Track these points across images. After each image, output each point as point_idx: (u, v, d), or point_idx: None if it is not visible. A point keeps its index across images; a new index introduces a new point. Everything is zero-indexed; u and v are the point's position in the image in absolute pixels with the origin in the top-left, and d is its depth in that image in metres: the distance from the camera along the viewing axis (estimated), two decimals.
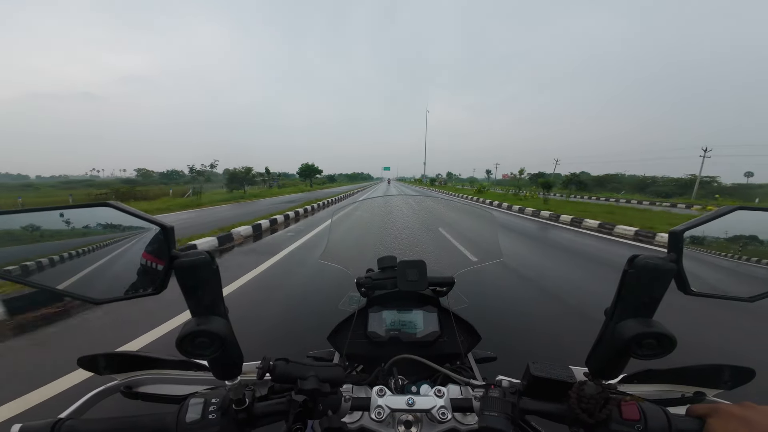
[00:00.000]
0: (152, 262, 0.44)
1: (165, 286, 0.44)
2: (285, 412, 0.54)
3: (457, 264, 1.04)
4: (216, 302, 0.46)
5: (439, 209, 1.50)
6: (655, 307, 0.43)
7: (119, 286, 0.44)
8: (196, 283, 0.43)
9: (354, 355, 0.90)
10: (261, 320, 2.96)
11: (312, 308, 3.24)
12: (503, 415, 0.51)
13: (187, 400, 0.49)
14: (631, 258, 0.44)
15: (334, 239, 1.13)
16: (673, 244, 0.44)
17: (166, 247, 0.43)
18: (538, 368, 0.54)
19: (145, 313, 3.01)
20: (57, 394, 1.93)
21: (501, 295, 3.77)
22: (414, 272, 0.87)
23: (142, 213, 0.44)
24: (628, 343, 0.42)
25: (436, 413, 0.55)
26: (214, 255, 0.45)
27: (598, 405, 0.47)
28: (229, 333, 0.45)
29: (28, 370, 2.20)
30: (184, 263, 0.42)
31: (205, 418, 0.46)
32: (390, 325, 0.89)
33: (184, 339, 0.42)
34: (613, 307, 0.46)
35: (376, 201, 1.42)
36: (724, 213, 0.44)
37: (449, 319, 0.92)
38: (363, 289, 0.96)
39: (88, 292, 0.44)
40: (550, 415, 0.53)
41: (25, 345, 2.61)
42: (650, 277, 0.42)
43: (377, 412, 0.55)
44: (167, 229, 0.43)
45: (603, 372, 0.49)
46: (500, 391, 0.56)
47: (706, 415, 0.44)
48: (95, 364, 0.60)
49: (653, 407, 0.47)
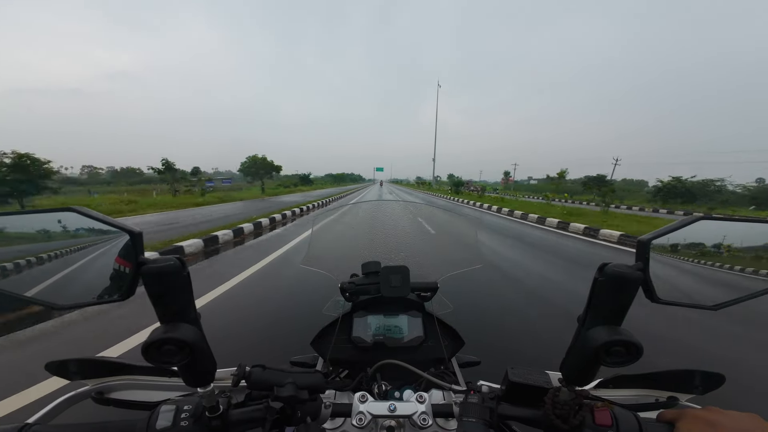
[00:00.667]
0: (121, 266, 0.43)
1: (133, 293, 0.43)
2: (261, 419, 0.53)
3: (441, 269, 1.05)
4: (186, 309, 0.45)
5: (422, 214, 1.51)
6: (624, 314, 0.44)
7: (85, 292, 0.43)
8: (165, 289, 0.42)
9: (338, 360, 0.90)
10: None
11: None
12: (481, 421, 0.51)
13: (159, 407, 0.48)
14: (602, 266, 0.45)
15: (317, 244, 1.13)
16: (640, 253, 0.45)
17: (134, 252, 0.42)
18: (516, 374, 0.55)
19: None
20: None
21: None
22: (397, 278, 0.87)
23: (109, 218, 0.43)
24: (597, 351, 0.43)
25: (417, 419, 0.55)
26: (184, 261, 0.44)
27: (572, 411, 0.47)
28: (199, 340, 0.44)
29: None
30: (152, 269, 0.41)
31: (176, 425, 0.45)
32: (375, 330, 0.89)
33: (150, 347, 0.41)
34: (585, 314, 0.47)
35: (360, 206, 1.42)
36: (689, 222, 0.45)
37: (433, 324, 0.92)
38: (347, 294, 0.96)
39: (52, 298, 0.42)
40: (528, 421, 0.53)
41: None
42: (618, 285, 0.43)
43: (359, 418, 0.55)
44: (135, 235, 0.42)
45: (577, 378, 0.49)
46: (479, 397, 0.56)
47: (675, 420, 0.45)
48: (65, 369, 0.58)
49: (625, 413, 0.48)
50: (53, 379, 1.92)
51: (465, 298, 3.52)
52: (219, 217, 10.33)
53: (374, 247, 1.19)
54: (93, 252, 0.44)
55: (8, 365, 2.27)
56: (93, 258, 0.44)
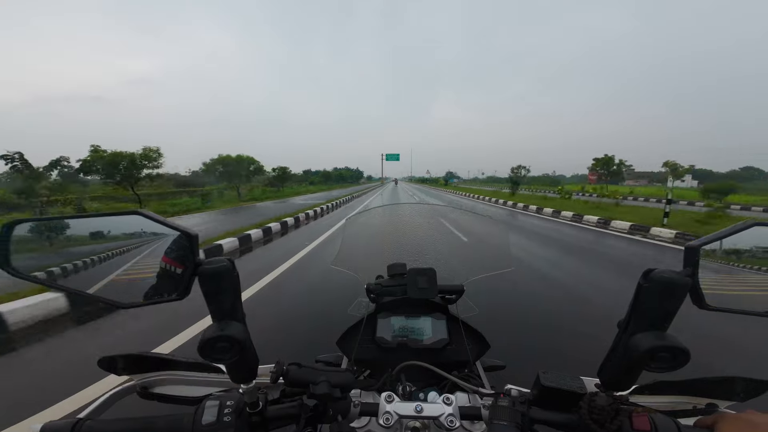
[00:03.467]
0: (176, 268, 0.46)
1: (188, 292, 0.46)
2: (296, 415, 0.55)
3: (467, 272, 1.05)
4: (235, 307, 0.47)
5: (448, 216, 1.51)
6: (670, 320, 0.44)
7: (144, 291, 0.46)
8: (218, 289, 0.45)
9: (362, 361, 0.91)
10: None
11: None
12: (513, 424, 0.51)
13: (204, 402, 0.50)
14: (647, 272, 0.45)
15: (345, 247, 1.15)
16: (689, 259, 0.44)
17: (191, 253, 0.45)
18: (549, 378, 0.55)
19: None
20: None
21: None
22: (424, 280, 0.88)
23: (168, 221, 0.46)
24: (641, 356, 0.42)
25: (444, 420, 0.55)
26: (234, 262, 0.46)
27: (609, 416, 0.47)
28: (246, 338, 0.47)
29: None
30: (208, 270, 0.44)
31: (220, 420, 0.47)
32: (398, 331, 0.89)
33: (206, 343, 0.43)
34: (627, 319, 0.47)
35: (386, 208, 1.43)
36: (742, 229, 0.44)
37: (458, 326, 0.92)
38: (372, 295, 0.97)
39: (116, 297, 0.45)
40: (560, 425, 0.53)
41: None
42: (665, 291, 0.43)
43: (385, 417, 0.56)
44: (192, 237, 0.45)
45: (615, 383, 0.49)
46: (509, 400, 0.56)
47: (713, 425, 0.44)
48: (114, 364, 0.61)
49: (664, 419, 0.47)
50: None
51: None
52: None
53: (399, 249, 1.20)
54: (152, 253, 0.47)
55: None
56: (150, 259, 0.47)
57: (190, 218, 11.40)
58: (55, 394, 1.94)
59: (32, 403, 1.85)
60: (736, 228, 0.45)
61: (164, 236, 0.46)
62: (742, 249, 0.47)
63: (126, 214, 0.45)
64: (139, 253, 0.47)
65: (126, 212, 0.45)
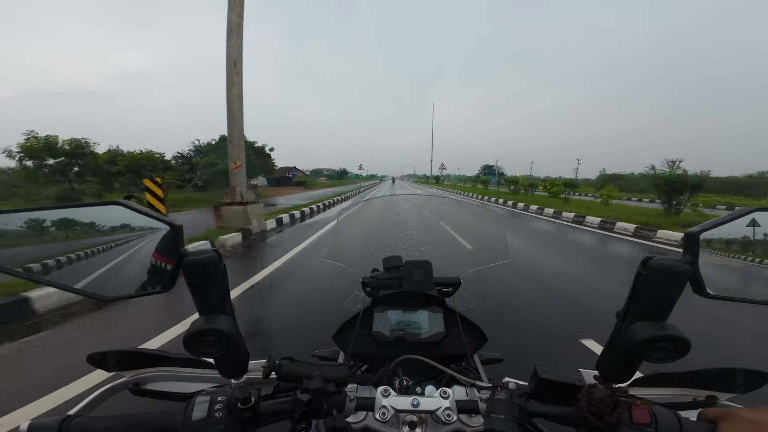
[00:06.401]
0: (161, 261, 0.44)
1: (173, 284, 0.45)
2: (290, 411, 0.54)
3: (463, 264, 1.04)
4: (223, 301, 0.46)
5: (444, 208, 1.49)
6: (670, 309, 0.43)
7: (129, 284, 0.45)
8: (204, 281, 0.44)
9: (359, 355, 0.90)
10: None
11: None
12: (510, 418, 0.50)
13: (194, 398, 0.49)
14: (645, 259, 0.44)
15: (339, 239, 1.13)
16: (688, 246, 0.43)
17: (175, 245, 0.44)
18: (546, 370, 0.54)
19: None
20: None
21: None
22: (420, 272, 0.87)
23: (152, 212, 0.44)
24: (640, 346, 0.42)
25: (441, 414, 0.54)
26: (221, 254, 0.45)
27: (608, 408, 0.46)
28: (235, 331, 0.46)
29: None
30: (193, 262, 0.42)
31: (211, 416, 0.47)
32: (395, 325, 0.89)
33: (192, 337, 0.42)
34: (626, 309, 0.46)
35: (380, 200, 1.42)
36: (743, 215, 0.43)
37: (455, 319, 0.91)
38: (368, 289, 0.96)
39: (99, 290, 0.44)
40: (558, 418, 0.52)
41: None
42: (664, 279, 0.42)
43: (382, 412, 0.55)
44: (176, 228, 0.44)
45: (614, 375, 0.48)
46: (507, 393, 0.55)
47: (718, 419, 0.43)
48: (104, 361, 0.60)
49: (664, 411, 0.47)
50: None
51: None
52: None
53: (395, 242, 1.19)
54: (135, 245, 0.45)
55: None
56: (135, 251, 0.46)
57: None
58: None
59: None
60: (737, 214, 0.43)
61: (148, 228, 0.45)
62: (744, 235, 0.46)
63: (107, 205, 0.43)
64: (123, 245, 0.46)
65: (107, 203, 0.43)
